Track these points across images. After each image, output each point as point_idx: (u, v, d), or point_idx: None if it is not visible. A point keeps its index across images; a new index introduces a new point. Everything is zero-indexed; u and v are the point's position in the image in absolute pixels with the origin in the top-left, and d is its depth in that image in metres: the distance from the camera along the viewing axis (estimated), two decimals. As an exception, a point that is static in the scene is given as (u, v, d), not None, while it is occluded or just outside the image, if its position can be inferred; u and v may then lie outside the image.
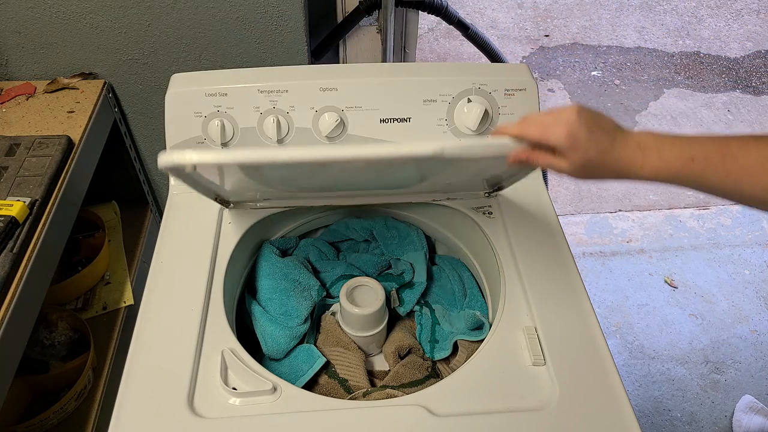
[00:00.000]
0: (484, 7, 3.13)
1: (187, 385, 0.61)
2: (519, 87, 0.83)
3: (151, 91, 1.08)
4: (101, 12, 0.96)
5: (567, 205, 2.05)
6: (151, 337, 0.66)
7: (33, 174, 0.82)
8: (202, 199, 0.82)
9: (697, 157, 0.51)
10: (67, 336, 1.01)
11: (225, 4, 0.97)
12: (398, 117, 0.83)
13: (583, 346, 0.66)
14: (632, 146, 0.54)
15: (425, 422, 0.59)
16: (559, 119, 0.55)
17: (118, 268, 1.16)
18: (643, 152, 0.53)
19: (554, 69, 2.73)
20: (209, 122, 0.81)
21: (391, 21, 1.10)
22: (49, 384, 0.97)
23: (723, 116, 2.47)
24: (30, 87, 1.02)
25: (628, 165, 0.54)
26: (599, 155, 0.54)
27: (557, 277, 0.73)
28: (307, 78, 0.82)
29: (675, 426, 1.45)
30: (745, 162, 0.49)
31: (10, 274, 0.71)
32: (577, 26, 3.00)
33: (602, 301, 1.74)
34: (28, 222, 0.76)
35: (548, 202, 0.83)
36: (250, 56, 1.05)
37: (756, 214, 2.02)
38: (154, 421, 0.59)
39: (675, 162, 0.52)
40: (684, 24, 3.03)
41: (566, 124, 0.54)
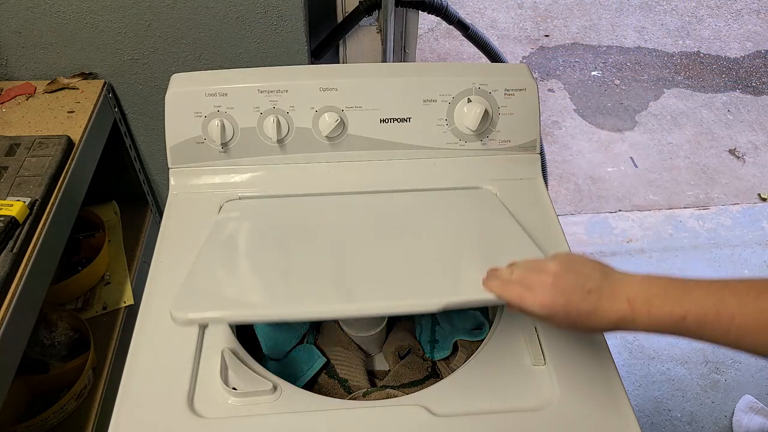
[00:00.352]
0: (484, 7, 3.13)
1: (187, 385, 0.61)
2: (519, 87, 0.83)
3: (151, 91, 1.08)
4: (101, 12, 0.96)
5: (567, 205, 2.05)
6: (151, 337, 0.66)
7: (33, 174, 0.82)
8: (202, 199, 0.82)
9: (689, 316, 0.47)
10: (67, 336, 1.01)
11: (225, 4, 0.97)
12: (398, 117, 0.83)
13: (583, 346, 0.66)
14: (621, 302, 0.50)
15: (425, 422, 0.59)
16: (536, 285, 0.52)
17: (118, 268, 1.16)
18: (632, 307, 0.49)
19: (554, 69, 2.73)
20: (209, 122, 0.81)
21: (391, 21, 1.10)
22: (49, 384, 0.96)
23: (723, 116, 2.47)
24: (30, 87, 1.02)
25: (618, 322, 0.50)
26: (581, 318, 0.51)
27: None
28: (307, 78, 0.82)
29: (675, 426, 1.45)
30: (743, 321, 0.45)
31: (9, 274, 0.71)
32: (577, 26, 3.00)
33: (602, 301, 1.74)
34: (28, 222, 0.76)
35: (548, 202, 0.83)
36: (250, 56, 1.05)
37: (756, 213, 2.02)
38: (154, 421, 0.59)
39: (666, 319, 0.48)
40: (684, 24, 3.03)
41: (541, 291, 0.52)
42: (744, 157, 2.27)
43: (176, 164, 0.84)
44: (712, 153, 2.29)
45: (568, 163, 2.22)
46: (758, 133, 2.38)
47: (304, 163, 0.85)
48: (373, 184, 0.84)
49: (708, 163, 2.24)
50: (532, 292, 0.52)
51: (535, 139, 0.86)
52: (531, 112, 0.85)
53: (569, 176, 2.17)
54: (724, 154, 2.28)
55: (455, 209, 0.78)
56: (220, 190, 0.83)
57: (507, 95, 0.83)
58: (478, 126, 0.82)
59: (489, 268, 0.58)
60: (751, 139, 2.35)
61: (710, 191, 2.12)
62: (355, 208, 0.79)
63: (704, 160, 2.25)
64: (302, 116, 0.82)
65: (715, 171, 2.21)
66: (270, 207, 0.79)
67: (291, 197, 0.82)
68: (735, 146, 2.32)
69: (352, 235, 0.70)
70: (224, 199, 0.82)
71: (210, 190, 0.83)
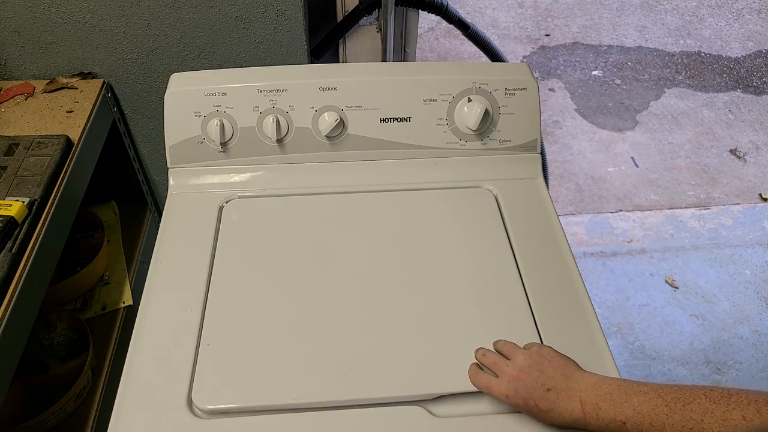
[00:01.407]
0: (485, 6, 3.13)
1: (187, 385, 0.61)
2: (519, 86, 0.83)
3: (150, 90, 1.08)
4: (100, 11, 0.96)
5: (568, 205, 2.05)
6: (150, 337, 0.66)
7: (32, 174, 0.82)
8: (202, 199, 0.82)
9: (629, 423, 0.51)
10: (66, 336, 1.01)
11: (224, 4, 0.97)
12: (398, 116, 0.83)
13: (584, 346, 0.66)
14: (575, 403, 0.55)
15: (425, 423, 0.59)
16: (502, 375, 0.58)
17: (117, 269, 1.15)
18: (584, 410, 0.54)
19: (555, 68, 2.72)
20: (208, 122, 0.81)
21: (391, 20, 1.09)
22: (48, 384, 0.96)
23: (724, 116, 2.47)
24: (29, 86, 1.02)
25: (574, 423, 0.55)
26: (539, 414, 0.56)
27: (558, 278, 0.73)
28: (306, 77, 0.82)
29: (676, 426, 1.44)
30: (672, 431, 0.48)
31: (8, 275, 0.71)
32: (578, 25, 3.00)
33: (603, 301, 1.73)
34: (27, 222, 0.76)
35: (549, 202, 0.83)
36: (249, 55, 1.04)
37: (757, 213, 2.02)
38: (153, 421, 0.59)
39: (611, 424, 0.52)
40: (685, 23, 3.03)
41: (506, 384, 0.58)
42: (745, 157, 2.26)
43: (175, 164, 0.84)
44: (713, 153, 2.29)
45: (568, 163, 2.22)
46: (759, 133, 2.38)
47: (303, 163, 0.84)
48: (373, 184, 0.84)
49: (709, 163, 2.24)
50: (498, 382, 0.58)
51: (535, 138, 0.86)
52: (531, 112, 0.85)
53: (570, 176, 2.16)
54: (725, 154, 2.28)
55: (452, 239, 0.78)
56: (220, 190, 0.83)
57: (507, 95, 0.83)
58: (478, 126, 0.81)
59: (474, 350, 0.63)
60: (752, 139, 2.35)
61: (711, 191, 2.12)
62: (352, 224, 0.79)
63: (705, 160, 2.25)
64: (302, 116, 0.82)
65: (716, 171, 2.20)
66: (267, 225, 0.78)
67: (290, 197, 0.82)
68: (736, 146, 2.32)
69: (350, 290, 0.71)
70: (223, 199, 0.82)
71: (209, 189, 0.83)
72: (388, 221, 0.79)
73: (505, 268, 0.73)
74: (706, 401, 0.47)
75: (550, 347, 0.61)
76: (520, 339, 0.65)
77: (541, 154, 0.88)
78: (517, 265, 0.74)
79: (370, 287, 0.71)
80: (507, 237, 0.77)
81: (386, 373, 0.62)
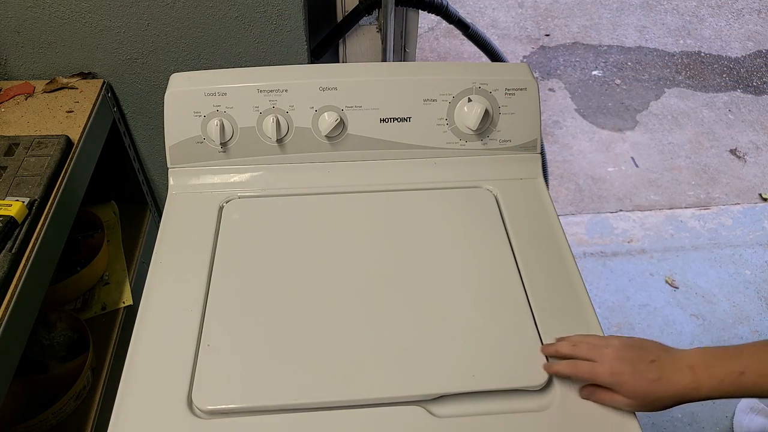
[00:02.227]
0: (485, 6, 3.13)
1: (187, 385, 0.61)
2: (519, 86, 0.83)
3: (150, 90, 1.08)
4: (100, 11, 0.96)
5: (568, 205, 2.05)
6: (150, 337, 0.66)
7: (32, 174, 0.82)
8: (202, 199, 0.82)
9: (747, 371, 0.52)
10: (66, 336, 1.01)
11: (224, 3, 0.97)
12: (398, 116, 0.83)
13: (584, 346, 0.66)
14: (684, 370, 0.55)
15: (425, 423, 0.59)
16: (602, 358, 0.58)
17: (117, 269, 1.15)
18: (695, 374, 0.55)
19: (555, 68, 2.72)
20: (208, 122, 0.81)
21: (391, 20, 1.09)
22: (48, 384, 0.96)
23: (724, 116, 2.47)
24: (29, 86, 1.02)
25: (684, 389, 0.55)
26: (650, 385, 0.56)
27: (558, 278, 0.73)
28: (306, 77, 0.82)
29: (676, 426, 1.44)
30: None
31: (9, 275, 0.71)
32: (578, 25, 3.00)
33: (603, 301, 1.73)
34: (27, 222, 0.76)
35: (549, 202, 0.83)
36: (249, 55, 1.04)
37: (757, 213, 2.02)
38: (153, 421, 0.59)
39: (727, 378, 0.53)
40: (685, 23, 3.03)
41: (608, 363, 0.58)
42: (745, 157, 2.26)
43: (175, 164, 0.84)
44: (713, 153, 2.28)
45: (568, 163, 2.22)
46: (759, 133, 2.38)
47: (303, 163, 0.84)
48: (373, 184, 0.84)
49: (709, 163, 2.24)
50: (600, 364, 0.58)
51: (535, 138, 0.86)
52: (532, 112, 0.85)
53: (570, 176, 2.16)
54: (725, 154, 2.28)
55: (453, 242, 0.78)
56: (220, 190, 0.83)
57: (507, 95, 0.83)
58: (478, 125, 0.81)
59: (545, 346, 0.64)
60: (752, 139, 2.35)
61: (711, 191, 2.12)
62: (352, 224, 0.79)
63: (705, 160, 2.25)
64: (302, 116, 0.82)
65: (716, 171, 2.20)
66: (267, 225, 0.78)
67: (290, 197, 0.82)
68: (736, 146, 2.32)
69: (351, 295, 0.70)
70: (223, 199, 0.82)
71: (209, 189, 0.83)
72: (388, 221, 0.79)
73: (505, 268, 0.73)
74: None
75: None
76: (520, 339, 0.65)
77: (541, 154, 0.88)
78: (517, 265, 0.74)
79: (370, 287, 0.71)
80: (507, 237, 0.77)
81: (386, 373, 0.62)
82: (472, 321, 0.68)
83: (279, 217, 0.79)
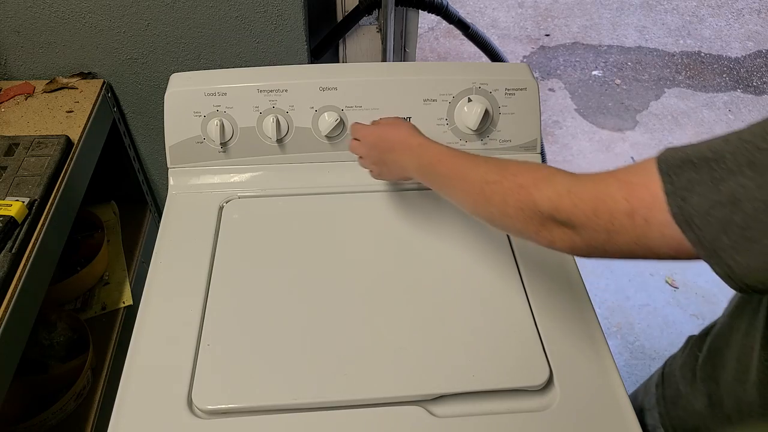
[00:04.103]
0: (485, 6, 3.13)
1: (187, 384, 0.61)
2: (519, 86, 0.83)
3: (150, 90, 1.08)
4: (100, 11, 0.96)
5: (567, 205, 2.05)
6: (150, 337, 0.66)
7: (32, 174, 0.82)
8: (202, 199, 0.82)
9: (442, 163, 0.62)
10: (66, 336, 1.01)
11: (224, 3, 0.97)
12: (398, 116, 0.83)
13: (584, 346, 0.66)
14: (413, 143, 0.67)
15: (425, 423, 0.59)
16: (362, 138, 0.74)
17: (117, 269, 1.15)
18: (418, 146, 0.66)
19: (555, 68, 2.72)
20: (208, 122, 0.81)
21: (391, 20, 1.09)
22: (48, 384, 0.96)
23: (724, 116, 2.47)
24: (29, 86, 1.02)
25: (407, 144, 0.67)
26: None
27: (558, 278, 0.73)
28: (306, 77, 0.82)
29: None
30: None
31: (9, 275, 0.71)
32: (578, 25, 3.00)
33: (603, 301, 1.73)
34: (27, 222, 0.76)
35: (549, 202, 0.83)
36: (249, 55, 1.04)
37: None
38: (153, 421, 0.59)
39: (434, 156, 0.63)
40: (685, 23, 3.03)
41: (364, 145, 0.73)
42: (745, 157, 2.26)
43: (175, 164, 0.84)
44: (713, 153, 2.28)
45: (568, 163, 2.22)
46: (759, 133, 2.38)
47: (303, 163, 0.84)
48: (373, 184, 0.84)
49: (709, 162, 2.24)
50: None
51: (535, 138, 0.86)
52: (532, 112, 0.85)
53: (570, 176, 2.16)
54: (725, 154, 2.28)
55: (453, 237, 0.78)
56: (220, 190, 0.83)
57: (507, 95, 0.83)
58: (478, 125, 0.81)
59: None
60: (752, 139, 2.35)
61: (711, 191, 2.12)
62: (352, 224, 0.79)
63: (705, 160, 2.25)
64: (302, 116, 0.82)
65: (716, 171, 2.20)
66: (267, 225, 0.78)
67: (290, 197, 0.82)
68: (736, 146, 2.31)
69: (348, 298, 0.70)
70: (223, 199, 0.82)
71: (209, 189, 0.83)
72: (388, 221, 0.79)
73: (504, 268, 0.73)
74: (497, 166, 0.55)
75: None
76: (520, 339, 0.65)
77: (541, 154, 0.88)
78: (517, 265, 0.74)
79: (370, 287, 0.71)
80: (507, 237, 0.77)
81: (386, 373, 0.62)
82: (472, 321, 0.68)
83: (279, 217, 0.79)
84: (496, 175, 0.53)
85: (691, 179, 0.39)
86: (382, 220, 0.79)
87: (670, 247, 0.41)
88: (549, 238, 0.48)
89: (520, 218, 0.50)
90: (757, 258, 0.37)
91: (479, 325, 0.67)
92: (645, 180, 0.41)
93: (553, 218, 0.47)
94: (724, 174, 0.37)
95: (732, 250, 0.37)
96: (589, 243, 0.45)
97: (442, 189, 0.63)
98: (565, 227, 0.47)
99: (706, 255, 0.39)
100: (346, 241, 0.76)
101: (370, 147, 0.72)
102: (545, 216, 0.47)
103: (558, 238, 0.47)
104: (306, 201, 0.82)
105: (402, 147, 0.67)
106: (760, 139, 0.36)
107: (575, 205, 0.45)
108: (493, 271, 0.73)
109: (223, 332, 0.66)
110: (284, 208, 0.81)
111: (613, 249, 0.44)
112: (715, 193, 0.37)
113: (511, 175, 0.52)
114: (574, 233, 0.46)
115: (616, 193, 0.43)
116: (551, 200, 0.47)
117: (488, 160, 0.56)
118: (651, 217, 0.41)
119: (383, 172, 0.72)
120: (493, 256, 0.75)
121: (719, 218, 0.37)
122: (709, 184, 0.38)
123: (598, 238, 0.44)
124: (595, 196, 0.44)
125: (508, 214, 0.51)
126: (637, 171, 0.43)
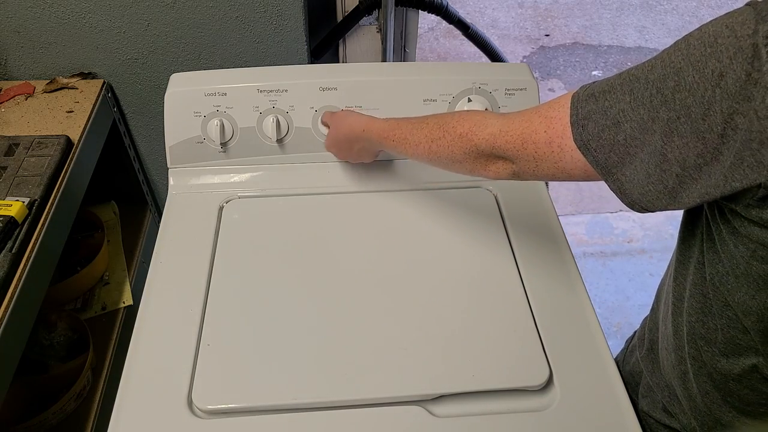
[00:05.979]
0: (485, 6, 3.13)
1: (187, 384, 0.61)
2: (519, 86, 0.83)
3: (150, 90, 1.08)
4: (100, 12, 0.96)
5: (567, 205, 2.05)
6: (150, 337, 0.66)
7: (32, 174, 0.82)
8: (202, 199, 0.82)
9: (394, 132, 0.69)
10: (66, 336, 1.01)
11: (224, 4, 0.97)
12: (398, 116, 0.83)
13: (584, 346, 0.66)
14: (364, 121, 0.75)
15: (425, 423, 0.59)
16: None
17: (117, 269, 1.15)
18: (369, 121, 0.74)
19: (555, 68, 2.72)
20: (208, 122, 0.81)
21: (391, 20, 1.10)
22: (48, 384, 0.96)
23: (724, 116, 2.47)
24: (29, 87, 1.02)
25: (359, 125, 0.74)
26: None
27: (558, 278, 0.73)
28: (306, 77, 0.82)
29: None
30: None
31: (9, 275, 0.71)
32: (578, 26, 3.00)
33: (603, 301, 1.73)
34: (27, 222, 0.76)
35: (549, 202, 0.83)
36: (249, 56, 1.04)
37: (757, 213, 2.02)
38: (153, 421, 0.59)
39: (383, 131, 0.70)
40: (685, 24, 3.03)
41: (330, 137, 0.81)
42: (745, 157, 2.26)
43: (175, 164, 0.84)
44: (713, 153, 2.28)
45: (568, 163, 2.22)
46: (759, 133, 2.38)
47: (303, 163, 0.84)
48: (373, 184, 0.84)
49: (709, 162, 2.24)
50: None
51: (535, 138, 0.86)
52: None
53: (570, 176, 2.16)
54: (725, 154, 2.28)
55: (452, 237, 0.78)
56: (220, 190, 0.83)
57: (507, 95, 0.83)
58: (478, 126, 0.81)
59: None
60: (752, 139, 2.35)
61: (711, 191, 2.12)
62: (352, 224, 0.79)
63: (705, 160, 2.25)
64: (302, 116, 0.82)
65: (715, 171, 2.20)
66: (267, 225, 0.78)
67: (290, 197, 0.82)
68: (736, 146, 2.31)
69: (348, 297, 0.70)
70: (224, 199, 0.82)
71: (209, 190, 0.83)
72: (388, 221, 0.79)
73: (504, 268, 0.73)
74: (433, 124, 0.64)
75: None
76: (519, 339, 0.65)
77: (541, 154, 0.88)
78: (517, 265, 0.74)
79: (370, 287, 0.71)
80: (507, 237, 0.77)
81: (386, 373, 0.62)
82: (472, 321, 0.68)
83: (279, 217, 0.79)
84: (438, 131, 0.62)
85: (590, 110, 0.46)
86: (381, 220, 0.79)
87: (581, 169, 0.49)
88: (494, 170, 0.58)
89: (469, 161, 0.59)
90: (638, 169, 0.44)
91: (479, 325, 0.67)
92: (560, 113, 0.49)
93: (493, 154, 0.56)
94: (612, 102, 0.45)
95: (620, 164, 0.45)
96: (524, 170, 0.54)
97: (400, 155, 0.74)
98: (504, 160, 0.56)
99: (602, 173, 0.47)
100: (346, 242, 0.76)
101: (336, 150, 0.81)
102: (487, 154, 0.57)
103: (501, 169, 0.57)
104: (306, 201, 0.82)
105: (353, 138, 0.75)
106: (641, 71, 0.43)
107: (507, 141, 0.54)
108: (493, 271, 0.73)
109: (223, 332, 0.66)
110: (284, 208, 0.81)
111: (542, 173, 0.53)
112: (605, 119, 0.45)
113: (451, 128, 0.61)
114: (512, 164, 0.55)
115: (538, 127, 0.51)
116: (488, 141, 0.56)
117: (427, 120, 0.65)
118: (563, 145, 0.49)
119: (362, 158, 0.80)
120: (492, 257, 0.75)
121: (608, 139, 0.45)
122: (601, 112, 0.45)
123: (529, 165, 0.53)
124: (522, 131, 0.53)
125: (458, 160, 0.61)
126: (556, 106, 0.50)
